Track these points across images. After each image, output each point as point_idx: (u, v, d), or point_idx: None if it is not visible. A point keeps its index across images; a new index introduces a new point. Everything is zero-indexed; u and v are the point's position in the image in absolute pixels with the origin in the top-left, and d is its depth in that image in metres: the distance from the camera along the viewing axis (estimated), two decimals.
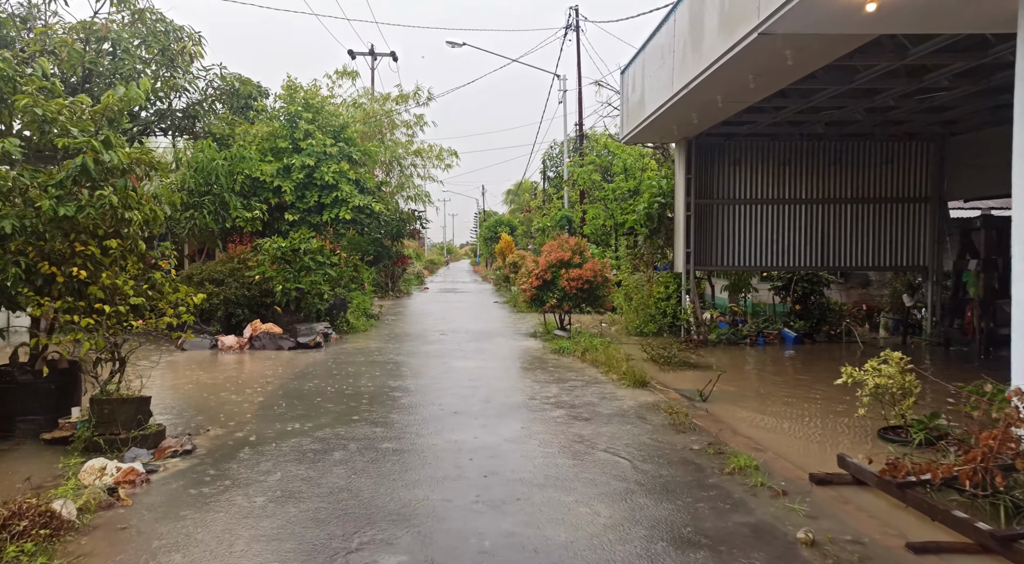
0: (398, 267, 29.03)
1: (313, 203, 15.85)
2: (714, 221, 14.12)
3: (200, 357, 11.52)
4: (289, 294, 13.13)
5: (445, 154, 29.95)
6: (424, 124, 27.95)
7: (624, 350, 11.25)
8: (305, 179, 15.99)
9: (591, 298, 14.24)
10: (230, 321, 13.26)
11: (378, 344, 13.37)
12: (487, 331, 15.77)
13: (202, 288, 12.81)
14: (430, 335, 14.95)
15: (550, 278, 14.20)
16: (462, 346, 13.16)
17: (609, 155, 25.58)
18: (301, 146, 16.17)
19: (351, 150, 17.03)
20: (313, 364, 10.89)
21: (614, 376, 9.61)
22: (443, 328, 16.22)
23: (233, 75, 17.76)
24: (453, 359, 11.48)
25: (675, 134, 12.93)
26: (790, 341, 13.49)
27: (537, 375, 9.94)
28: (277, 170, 15.77)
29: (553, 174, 39.11)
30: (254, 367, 10.65)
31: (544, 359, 11.51)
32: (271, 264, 13.33)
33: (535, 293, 14.25)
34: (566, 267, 14.22)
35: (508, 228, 57.30)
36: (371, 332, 15.38)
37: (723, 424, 7.02)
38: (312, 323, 13.58)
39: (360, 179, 16.77)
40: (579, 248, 14.66)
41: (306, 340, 12.58)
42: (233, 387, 8.95)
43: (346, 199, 15.91)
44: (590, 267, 14.10)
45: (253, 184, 15.95)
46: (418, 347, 13.04)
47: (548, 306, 14.14)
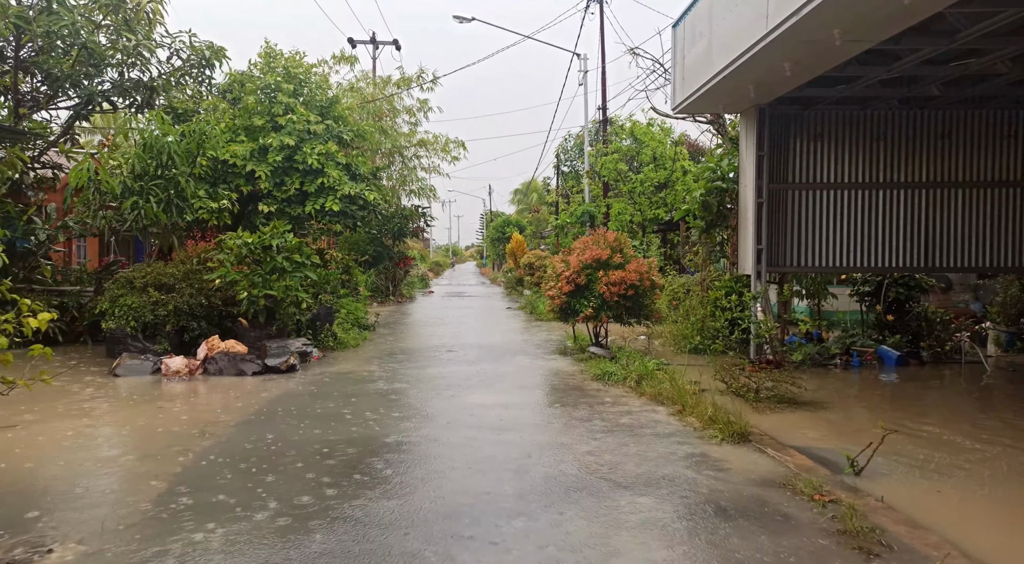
0: (400, 269, 26.28)
1: (294, 192, 13.10)
2: (789, 211, 11.29)
3: (131, 388, 8.75)
4: (257, 303, 10.37)
5: (452, 145, 27.27)
6: (428, 109, 25.27)
7: (686, 375, 8.45)
8: (284, 162, 13.26)
9: (636, 307, 11.44)
10: (182, 337, 10.50)
11: (370, 367, 10.58)
12: (505, 346, 12.97)
13: (145, 295, 10.06)
14: (436, 353, 12.15)
15: (584, 282, 11.41)
16: (476, 369, 10.36)
17: (636, 143, 22.81)
18: (280, 123, 13.44)
19: (340, 129, 14.29)
20: (278, 400, 8.11)
21: (694, 421, 6.80)
22: (451, 342, 13.43)
23: (204, 43, 15.04)
24: (466, 391, 8.68)
25: (750, 97, 10.11)
26: (891, 362, 10.65)
27: (585, 419, 7.13)
28: (251, 152, 13.04)
29: (568, 169, 36.34)
30: (196, 406, 7.87)
31: (586, 390, 8.70)
32: (235, 265, 10.57)
33: (565, 301, 11.46)
34: (604, 268, 11.42)
35: (516, 228, 54.68)
36: (363, 348, 12.60)
37: (928, 532, 4.19)
38: (287, 339, 10.80)
39: (351, 163, 14.03)
40: (619, 245, 11.86)
41: (276, 362, 9.80)
42: (147, 445, 6.17)
43: (334, 187, 13.16)
44: (634, 268, 11.30)
45: (222, 169, 13.22)
46: (420, 371, 10.25)
47: (582, 317, 11.34)
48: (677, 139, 21.44)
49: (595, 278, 11.38)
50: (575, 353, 11.92)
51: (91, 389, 8.55)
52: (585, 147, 24.28)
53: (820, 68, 8.47)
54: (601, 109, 22.75)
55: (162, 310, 10.12)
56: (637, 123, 22.78)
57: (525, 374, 10.02)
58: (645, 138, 22.54)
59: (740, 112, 11.38)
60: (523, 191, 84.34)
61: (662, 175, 21.79)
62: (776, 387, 7.81)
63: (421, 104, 25.23)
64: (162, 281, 10.51)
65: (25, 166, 13.68)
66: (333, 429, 6.63)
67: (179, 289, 10.51)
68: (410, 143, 26.05)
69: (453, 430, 6.66)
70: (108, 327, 10.25)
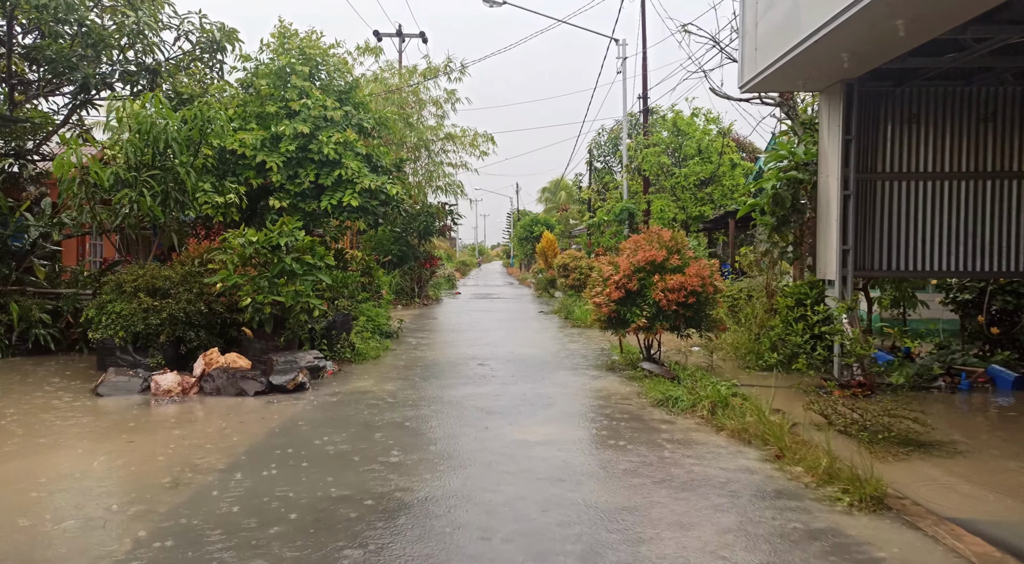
0: (426, 270, 24.96)
1: (308, 185, 11.78)
2: (877, 206, 9.64)
3: (111, 412, 7.47)
4: (262, 311, 9.05)
5: (480, 139, 25.86)
6: (456, 100, 23.87)
7: (759, 398, 6.90)
8: (298, 153, 11.95)
9: (696, 317, 9.89)
10: (178, 349, 9.23)
11: (390, 384, 9.20)
12: (542, 359, 11.50)
13: (135, 301, 8.80)
14: (465, 366, 10.73)
15: (636, 288, 9.90)
16: (513, 389, 8.91)
17: (679, 135, 21.16)
18: (294, 109, 12.14)
19: (361, 116, 12.95)
20: (278, 431, 6.75)
21: (801, 473, 5.27)
22: (482, 353, 12.00)
23: (215, 24, 13.84)
24: (503, 421, 7.24)
25: (841, 69, 8.48)
26: (1006, 385, 8.95)
27: (656, 465, 5.63)
28: (261, 141, 11.76)
29: (601, 165, 34.72)
30: (180, 439, 6.54)
31: (648, 421, 7.19)
32: (239, 267, 9.27)
33: (615, 309, 9.95)
34: (659, 272, 9.91)
35: (545, 227, 53.25)
36: (384, 360, 11.23)
37: None
38: (297, 352, 9.47)
39: (372, 154, 12.67)
40: (676, 245, 10.33)
41: (283, 380, 8.46)
42: (96, 504, 4.82)
43: (352, 179, 11.82)
44: (695, 272, 9.75)
45: (230, 160, 11.97)
46: (448, 391, 8.83)
47: (633, 328, 9.83)
48: (725, 129, 19.75)
49: (649, 283, 9.86)
50: (624, 369, 10.41)
51: (63, 413, 7.29)
52: (623, 140, 22.70)
53: (945, 25, 6.84)
54: (641, 98, 21.15)
55: (154, 318, 8.85)
56: (680, 113, 21.14)
57: (571, 397, 8.54)
58: (689, 129, 20.89)
59: (820, 90, 9.76)
60: (551, 189, 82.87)
61: (708, 169, 20.13)
62: (893, 422, 6.22)
63: (448, 95, 23.85)
64: (156, 285, 9.25)
65: (22, 158, 12.58)
66: (337, 478, 5.23)
67: (175, 294, 9.24)
68: (437, 137, 24.72)
69: (490, 482, 5.21)
70: (95, 338, 9.02)
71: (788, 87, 10.45)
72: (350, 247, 24.36)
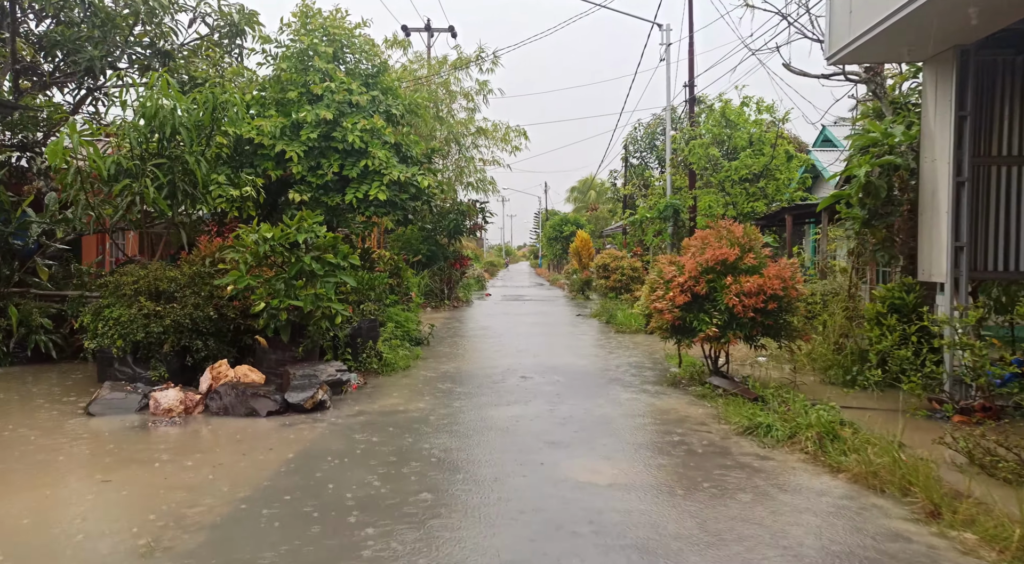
0: (456, 270, 23.82)
1: (331, 177, 10.67)
2: (992, 196, 8.18)
3: (99, 437, 6.38)
4: (278, 317, 7.93)
5: (512, 134, 24.70)
6: (488, 91, 22.72)
7: (869, 425, 5.54)
8: (320, 141, 10.83)
9: (777, 324, 8.53)
10: (184, 360, 8.14)
11: (422, 402, 8.00)
12: (592, 371, 10.22)
13: (135, 306, 7.74)
14: (504, 380, 9.49)
15: (705, 292, 8.57)
16: (564, 409, 7.65)
17: (727, 125, 19.69)
18: (316, 93, 11.04)
19: (389, 102, 11.81)
20: (290, 468, 5.57)
21: (979, 545, 3.93)
22: (522, 364, 10.76)
23: (235, 6, 12.83)
24: (556, 453, 5.98)
25: (963, 29, 7.07)
26: None
27: (767, 525, 4.32)
28: (280, 129, 10.67)
29: (637, 161, 33.26)
30: (170, 477, 5.40)
31: (737, 456, 5.87)
32: (252, 267, 8.16)
33: (679, 316, 8.63)
34: (731, 273, 8.57)
35: (575, 226, 51.93)
36: (414, 372, 10.04)
37: None
38: (317, 363, 8.33)
39: (401, 143, 11.52)
40: (749, 241, 8.98)
41: (300, 398, 7.30)
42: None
43: (379, 170, 10.67)
44: (776, 273, 8.39)
45: (248, 150, 10.91)
46: (488, 411, 7.60)
47: (702, 337, 8.49)
48: (780, 117, 18.23)
49: (720, 286, 8.53)
50: (689, 385, 9.08)
51: (41, 438, 6.22)
52: (666, 132, 21.28)
53: None
54: (687, 86, 19.72)
55: (156, 326, 7.77)
56: (728, 102, 19.65)
57: (635, 421, 7.24)
58: (738, 120, 19.40)
59: (925, 60, 8.32)
60: (580, 188, 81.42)
61: (760, 162, 18.62)
62: None
63: (480, 86, 22.71)
64: (160, 288, 8.17)
65: (29, 150, 11.68)
66: (355, 544, 4.03)
67: (181, 298, 8.16)
68: (467, 131, 23.59)
69: (552, 552, 3.96)
70: (90, 347, 7.98)
71: (888, 57, 9.00)
72: (377, 246, 23.34)
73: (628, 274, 19.20)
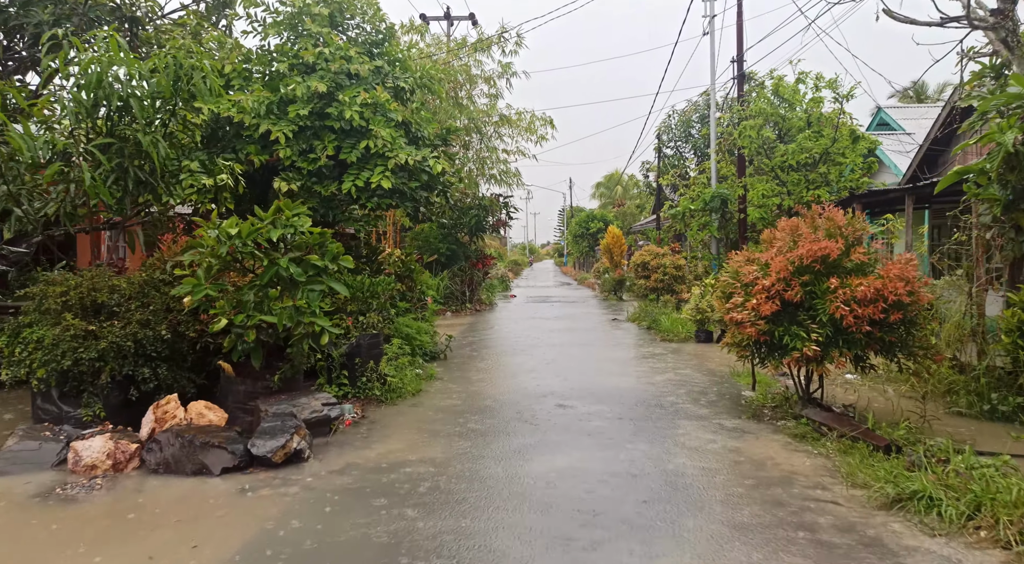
0: (478, 271, 21.94)
1: (326, 161, 8.82)
2: None
3: None
4: (245, 338, 6.09)
5: (538, 123, 22.74)
6: (512, 74, 20.79)
7: None
8: (313, 119, 9.00)
9: (901, 340, 6.48)
10: (127, 393, 6.34)
11: (435, 449, 6.09)
12: (645, 396, 8.22)
13: (60, 322, 5.96)
14: (538, 411, 7.54)
15: (799, 298, 6.55)
16: (622, 460, 5.69)
17: (781, 104, 17.51)
18: (307, 61, 9.22)
19: (397, 73, 9.95)
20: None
21: None
22: (558, 387, 8.82)
23: None
24: (630, 539, 4.04)
25: None
26: None
27: None
28: (265, 105, 8.86)
29: (672, 151, 31.07)
30: None
31: (901, 555, 3.86)
32: (212, 274, 6.33)
33: (767, 329, 6.62)
34: (835, 273, 6.54)
35: (601, 223, 49.89)
36: (424, 399, 8.15)
37: None
38: (299, 394, 6.49)
39: (411, 121, 9.64)
40: (854, 233, 6.93)
41: (267, 448, 5.44)
42: None
43: (383, 153, 8.80)
44: (899, 273, 6.33)
45: (231, 131, 9.13)
46: (520, 465, 5.65)
47: (795, 358, 6.47)
48: (844, 93, 15.99)
49: (821, 290, 6.50)
50: (776, 416, 7.07)
51: None
52: (711, 112, 19.13)
53: None
54: (735, 61, 17.55)
55: (88, 350, 5.98)
56: (781, 79, 17.46)
57: (721, 480, 5.25)
58: (794, 98, 17.21)
59: None
60: (606, 184, 79.17)
61: (821, 144, 16.42)
62: None
63: (503, 69, 20.79)
64: (97, 300, 6.39)
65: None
66: None
67: (124, 313, 6.37)
68: (489, 120, 21.69)
69: None
70: (6, 379, 6.23)
71: None
72: (393, 245, 21.58)
73: (671, 273, 17.13)
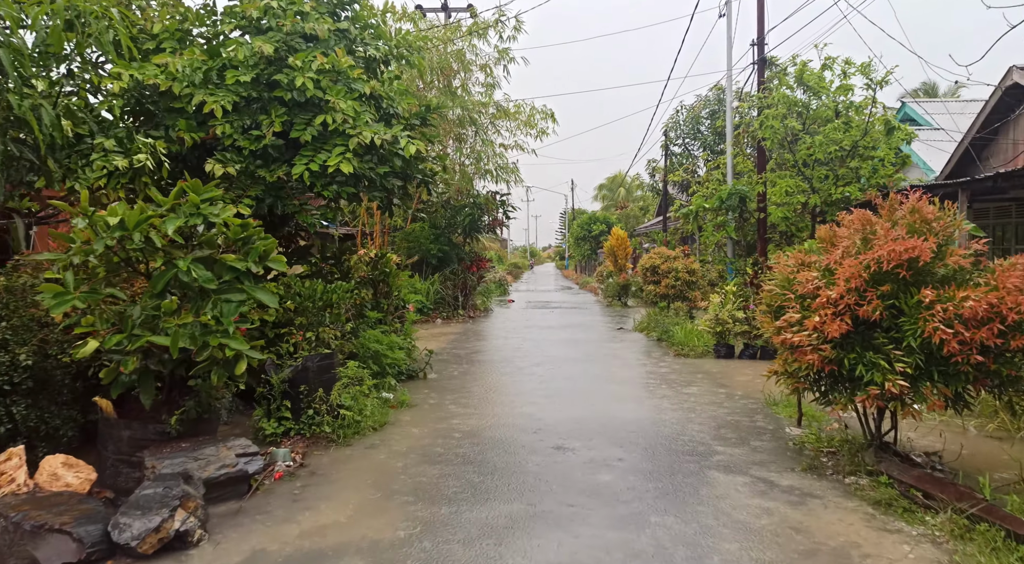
0: (472, 274, 20.28)
1: (272, 140, 7.16)
2: None
3: None
4: (123, 367, 4.42)
5: (538, 116, 21.13)
6: (510, 60, 19.18)
7: None
8: (258, 89, 7.35)
9: (1018, 375, 4.80)
10: None
11: (377, 525, 4.40)
12: (668, 438, 6.52)
13: None
14: (528, 460, 5.84)
15: (878, 315, 4.88)
16: (644, 540, 4.01)
17: (806, 92, 15.86)
18: (257, 19, 7.58)
19: (366, 39, 8.31)
20: None
21: None
22: (555, 418, 7.14)
23: None
24: None
25: None
26: None
27: None
28: (203, 73, 7.21)
29: (679, 149, 29.43)
30: None
31: None
32: (99, 278, 4.67)
33: (834, 357, 4.96)
34: (924, 282, 4.88)
35: (604, 225, 48.35)
36: (387, 438, 6.47)
37: None
38: (206, 440, 4.81)
39: (382, 94, 7.99)
40: (946, 228, 5.26)
41: (134, 532, 3.75)
42: None
43: (343, 130, 7.14)
44: (1019, 282, 4.65)
45: (162, 103, 7.48)
46: (509, 548, 4.00)
47: (873, 395, 4.79)
48: (879, 79, 14.33)
49: (910, 305, 4.84)
50: (840, 467, 5.39)
51: None
52: (727, 102, 17.47)
53: None
54: (755, 44, 15.89)
55: None
56: (805, 64, 15.80)
57: None
58: (819, 85, 15.54)
59: None
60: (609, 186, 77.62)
61: (851, 136, 14.75)
62: None
63: (500, 54, 19.16)
64: None
65: None
66: None
67: None
68: (485, 111, 20.06)
69: None
70: None
71: None
72: (380, 246, 19.93)
73: (683, 278, 15.46)
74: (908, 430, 6.45)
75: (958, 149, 15.36)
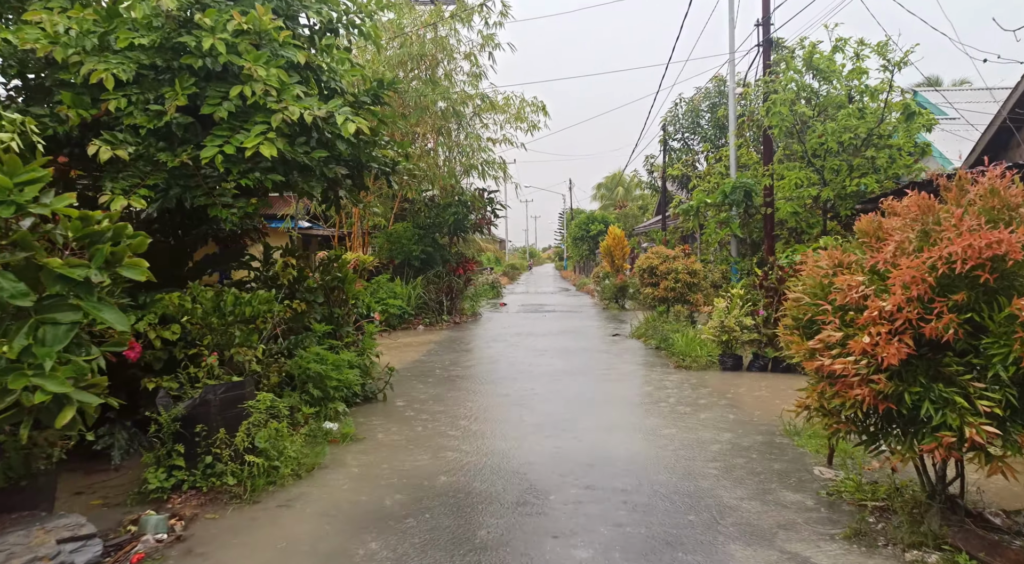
0: (457, 276, 18.93)
1: (175, 115, 5.82)
2: None
3: None
4: None
5: (528, 109, 19.82)
6: (496, 46, 17.87)
7: None
8: (162, 55, 6.00)
9: None
10: None
11: None
12: (672, 490, 5.15)
13: None
14: (493, 528, 4.49)
15: (952, 335, 3.52)
16: None
17: (816, 76, 14.53)
18: None
19: (306, 2, 6.97)
20: None
21: None
22: (534, 451, 5.79)
23: None
24: None
25: None
26: None
27: None
28: (97, 38, 5.86)
29: (679, 144, 28.10)
30: None
31: None
32: None
33: (891, 391, 3.60)
34: (1012, 288, 3.51)
35: (602, 225, 47.07)
36: (311, 493, 5.12)
37: None
38: (21, 519, 3.46)
39: (319, 65, 6.64)
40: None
41: None
42: None
43: (264, 104, 5.81)
44: None
45: (52, 74, 6.15)
46: None
47: (944, 443, 3.44)
48: (897, 60, 12.98)
49: (999, 319, 3.48)
50: (892, 531, 4.03)
51: None
52: (730, 88, 16.13)
53: None
54: (760, 24, 14.54)
55: None
56: (815, 46, 14.46)
57: None
58: (831, 69, 14.20)
59: None
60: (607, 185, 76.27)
61: (867, 123, 13.41)
62: None
63: (485, 40, 17.86)
64: None
65: None
66: None
67: None
68: (471, 103, 18.73)
69: None
70: None
71: None
72: (360, 248, 18.58)
73: (684, 279, 14.11)
74: (970, 470, 5.10)
75: (983, 137, 14.00)
